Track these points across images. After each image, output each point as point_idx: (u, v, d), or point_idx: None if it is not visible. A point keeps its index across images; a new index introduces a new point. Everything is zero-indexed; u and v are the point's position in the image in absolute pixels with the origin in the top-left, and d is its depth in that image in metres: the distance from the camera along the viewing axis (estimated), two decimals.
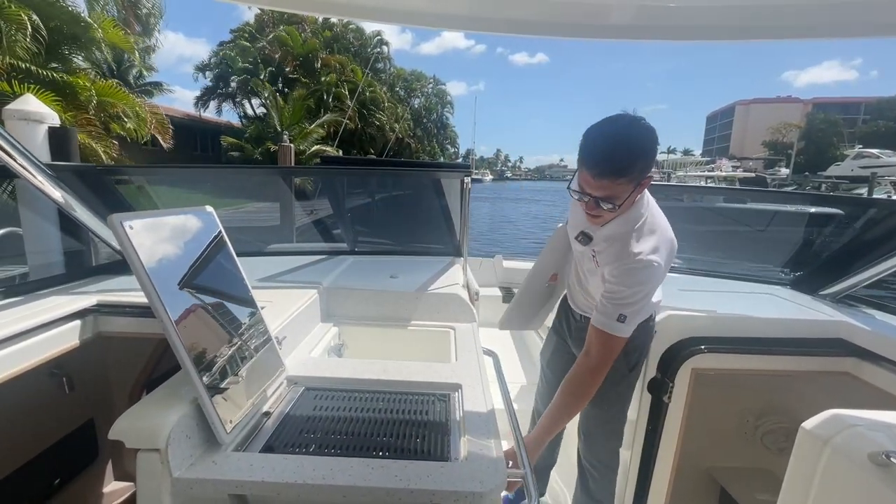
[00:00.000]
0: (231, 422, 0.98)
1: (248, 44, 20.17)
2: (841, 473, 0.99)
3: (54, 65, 8.48)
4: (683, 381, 1.84)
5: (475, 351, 1.59)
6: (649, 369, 1.87)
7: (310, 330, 1.72)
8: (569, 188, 1.42)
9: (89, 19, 8.49)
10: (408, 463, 0.91)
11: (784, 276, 2.64)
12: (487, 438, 1.02)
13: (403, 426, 1.11)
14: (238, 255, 1.18)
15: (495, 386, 1.50)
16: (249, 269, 2.18)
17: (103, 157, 8.54)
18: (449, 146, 36.20)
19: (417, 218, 3.04)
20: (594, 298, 1.61)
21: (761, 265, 2.88)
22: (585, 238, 1.53)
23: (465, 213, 2.35)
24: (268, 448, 0.99)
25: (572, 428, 1.97)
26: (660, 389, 1.83)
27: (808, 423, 1.10)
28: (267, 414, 1.13)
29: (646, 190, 1.41)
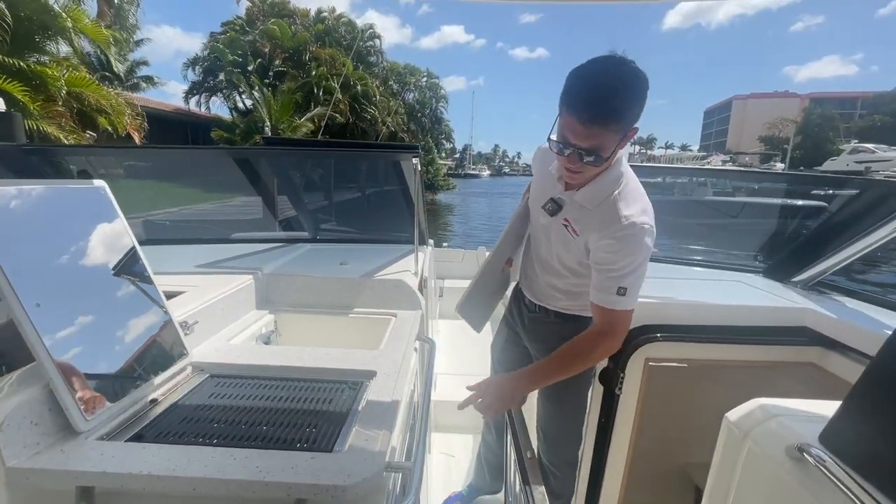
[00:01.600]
0: (95, 409, 0.90)
1: (238, 35, 19.90)
2: (759, 466, 0.92)
3: (31, 56, 8.30)
4: (636, 371, 1.77)
5: (408, 339, 1.51)
6: None
7: (238, 317, 1.63)
8: (549, 139, 1.22)
9: (57, 7, 8.30)
10: (277, 453, 0.83)
11: (758, 263, 2.56)
12: (379, 429, 0.94)
13: (299, 415, 1.03)
14: (197, 242, 1.08)
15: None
16: (198, 255, 2.11)
17: None
18: (445, 141, 35.89)
19: (380, 205, 2.95)
20: (557, 284, 1.49)
21: (736, 253, 2.81)
22: (555, 206, 1.37)
23: (420, 197, 2.26)
24: (137, 437, 0.91)
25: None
26: (611, 380, 1.76)
27: (733, 413, 1.03)
28: (154, 402, 1.05)
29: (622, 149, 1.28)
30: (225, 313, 1.54)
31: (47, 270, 0.92)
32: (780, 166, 36.69)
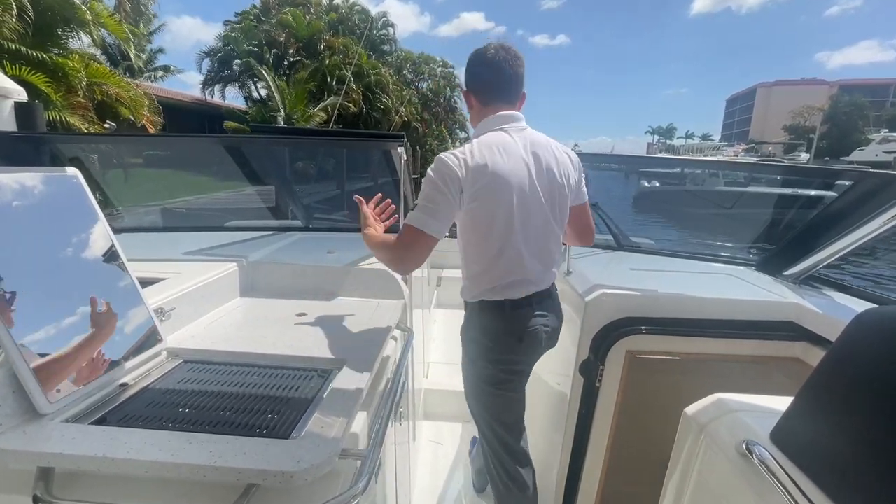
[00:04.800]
0: (60, 392, 0.93)
1: (253, 25, 19.97)
2: (713, 462, 0.91)
3: (53, 49, 8.51)
4: (616, 363, 1.75)
5: (386, 327, 1.52)
6: (581, 350, 1.78)
7: (220, 304, 1.66)
8: None
9: (77, 1, 8.48)
10: (233, 439, 0.85)
11: (751, 257, 2.50)
12: (338, 416, 0.95)
13: (263, 402, 1.05)
14: (188, 230, 1.11)
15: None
16: (188, 243, 2.15)
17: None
18: (459, 130, 35.64)
19: (372, 193, 2.94)
20: None
21: (730, 246, 2.74)
22: None
23: (408, 186, 2.25)
24: (100, 420, 0.94)
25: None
26: (591, 372, 1.75)
27: (691, 408, 1.02)
28: (123, 386, 1.08)
29: (488, 119, 1.51)
30: (205, 300, 1.57)
31: (12, 256, 0.94)
32: (805, 156, 35.51)
